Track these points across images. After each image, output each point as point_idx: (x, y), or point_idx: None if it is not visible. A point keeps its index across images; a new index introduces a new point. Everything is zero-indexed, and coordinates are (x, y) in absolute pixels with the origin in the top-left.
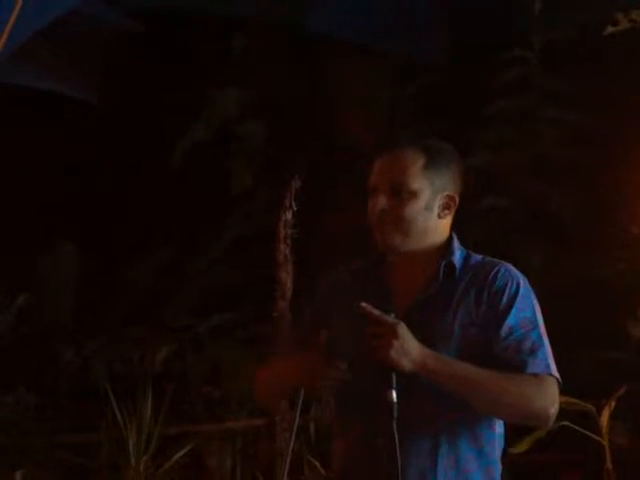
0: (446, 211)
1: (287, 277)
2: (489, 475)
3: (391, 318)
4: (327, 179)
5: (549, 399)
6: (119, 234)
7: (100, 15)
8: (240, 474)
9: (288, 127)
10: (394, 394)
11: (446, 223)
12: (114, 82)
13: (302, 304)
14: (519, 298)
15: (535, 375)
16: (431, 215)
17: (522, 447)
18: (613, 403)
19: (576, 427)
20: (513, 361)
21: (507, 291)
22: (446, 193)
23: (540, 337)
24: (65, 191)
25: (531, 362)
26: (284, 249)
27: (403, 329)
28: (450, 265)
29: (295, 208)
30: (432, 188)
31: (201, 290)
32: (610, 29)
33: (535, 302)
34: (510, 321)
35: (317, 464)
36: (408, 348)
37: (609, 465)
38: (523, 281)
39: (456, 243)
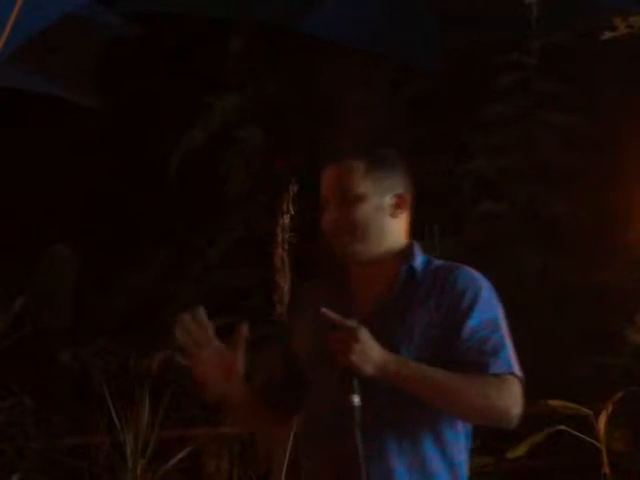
0: (398, 210)
1: (284, 281)
2: (455, 475)
3: (352, 322)
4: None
5: (511, 399)
6: (117, 237)
7: (98, 19)
8: (237, 478)
9: (286, 131)
10: (356, 399)
11: (402, 224)
12: (111, 86)
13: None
14: (480, 300)
15: (497, 375)
16: (383, 215)
17: (519, 452)
18: (610, 408)
19: (573, 432)
20: (475, 362)
21: (468, 293)
22: (395, 193)
23: (502, 338)
24: (63, 194)
25: (493, 362)
26: (281, 253)
27: (364, 333)
28: (411, 269)
29: (292, 212)
30: (378, 190)
31: (198, 294)
32: (608, 34)
33: (497, 305)
34: (472, 323)
35: None
36: (369, 352)
37: (606, 470)
38: (485, 284)
39: (417, 248)
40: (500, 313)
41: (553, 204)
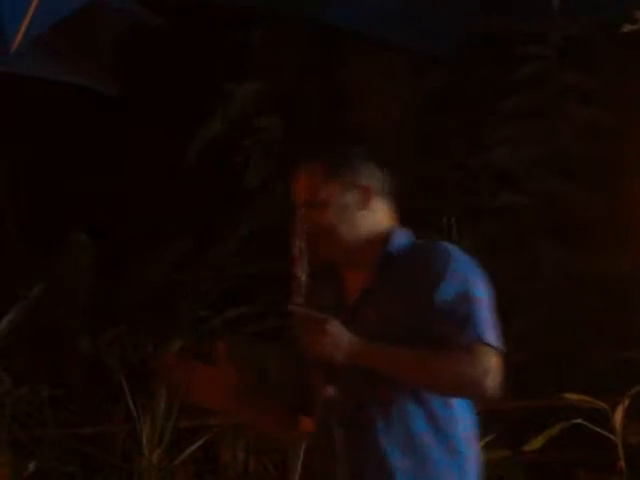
0: (365, 202)
1: (302, 272)
2: (451, 449)
3: (319, 314)
4: None
5: (480, 368)
6: (135, 226)
7: (118, 6)
8: (253, 468)
9: (305, 121)
10: (332, 390)
11: (376, 213)
12: (131, 74)
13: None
14: (449, 274)
15: (465, 346)
16: (351, 212)
17: (536, 444)
18: (627, 402)
19: (589, 425)
20: (445, 336)
21: (437, 269)
22: (358, 187)
23: (473, 309)
24: (81, 182)
25: (461, 334)
26: (299, 244)
27: (331, 324)
28: (387, 254)
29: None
30: (340, 189)
31: (216, 283)
32: (628, 27)
33: (471, 276)
34: (440, 297)
35: None
36: (337, 342)
37: (622, 463)
38: (456, 257)
39: (398, 232)
40: (474, 284)
41: (572, 196)
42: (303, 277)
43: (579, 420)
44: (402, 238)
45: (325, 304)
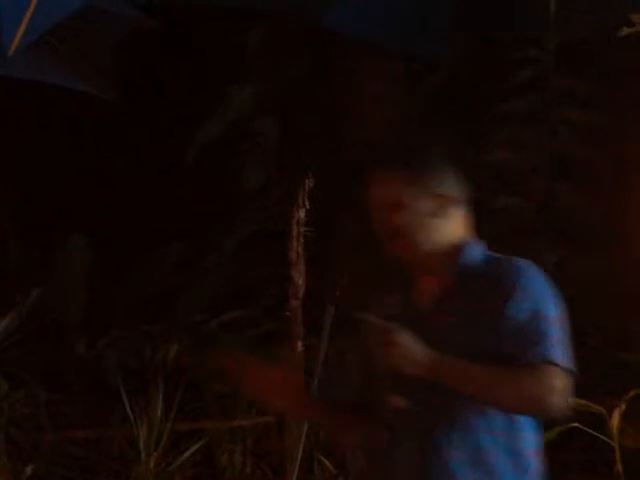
0: (443, 210)
1: (299, 276)
2: (517, 466)
3: (392, 325)
4: (340, 177)
5: (545, 388)
6: (132, 229)
7: (115, 10)
8: (250, 471)
9: (302, 124)
10: (400, 400)
11: (453, 222)
12: (129, 78)
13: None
14: (521, 291)
15: (532, 365)
16: (429, 219)
17: None
18: (624, 405)
19: (586, 429)
20: (516, 353)
21: (511, 285)
22: (437, 194)
23: (545, 327)
24: (78, 186)
25: (529, 352)
26: (296, 247)
27: (404, 335)
28: (460, 267)
29: (308, 206)
30: (419, 193)
31: (213, 287)
32: (625, 30)
33: (544, 293)
34: (511, 314)
35: (327, 463)
36: (408, 353)
37: (619, 467)
38: (530, 274)
39: (474, 244)
40: (547, 302)
41: (569, 199)
42: (300, 280)
43: (576, 424)
44: (477, 250)
45: (392, 313)
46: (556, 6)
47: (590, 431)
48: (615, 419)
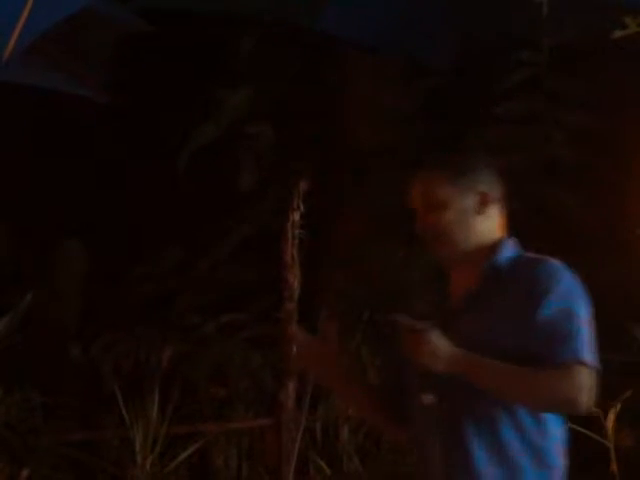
0: (483, 207)
1: (294, 278)
2: (540, 462)
3: (421, 324)
4: (335, 180)
5: (575, 387)
6: (127, 233)
7: (109, 14)
8: (246, 474)
9: (296, 128)
10: (429, 397)
11: (490, 221)
12: (122, 81)
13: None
14: (554, 291)
15: (560, 364)
16: (467, 217)
17: None
18: (619, 406)
19: (581, 429)
20: (542, 353)
21: (542, 285)
22: (477, 192)
23: (573, 327)
24: (73, 188)
25: (558, 352)
26: (291, 250)
27: (432, 334)
28: (494, 264)
29: (303, 209)
30: (459, 194)
31: (208, 290)
32: (619, 33)
33: (574, 293)
34: (543, 313)
35: (323, 464)
36: (437, 352)
37: (614, 468)
38: (562, 275)
39: (508, 242)
40: (577, 303)
41: (563, 202)
42: (295, 283)
43: (570, 424)
44: (511, 249)
45: (426, 311)
46: (549, 8)
47: (585, 431)
48: (611, 420)
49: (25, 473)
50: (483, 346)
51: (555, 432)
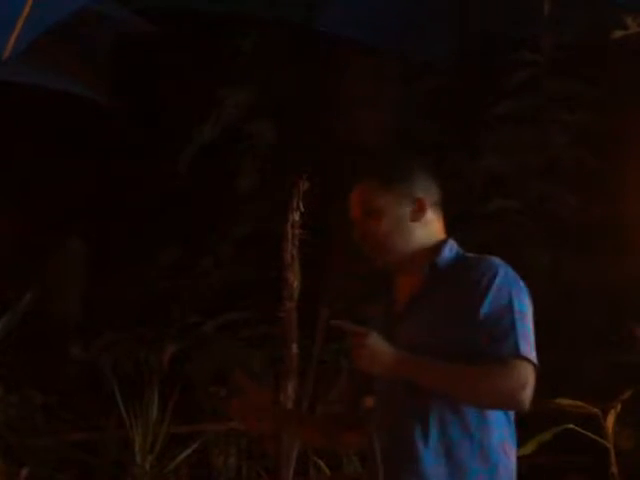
0: (419, 214)
1: (294, 278)
2: (486, 462)
3: (360, 329)
4: (335, 180)
5: (514, 382)
6: (127, 232)
7: (110, 14)
8: (245, 473)
9: (296, 127)
10: (371, 400)
11: (429, 225)
12: (123, 81)
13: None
14: (494, 288)
15: (501, 360)
16: (405, 223)
17: (527, 449)
18: (619, 406)
19: (581, 430)
20: (484, 349)
21: (482, 282)
22: (413, 199)
23: (513, 322)
24: (74, 188)
25: (498, 347)
26: (291, 250)
27: (371, 338)
28: (433, 267)
29: (302, 209)
30: (397, 200)
31: (208, 289)
32: (619, 33)
33: (516, 291)
34: (483, 311)
35: (322, 464)
36: (377, 355)
37: (614, 469)
38: (503, 271)
39: (448, 244)
40: (517, 299)
41: (564, 202)
42: (295, 283)
43: (571, 425)
44: (451, 250)
45: (375, 314)
46: (550, 8)
47: (586, 432)
48: (610, 421)
49: (25, 472)
50: (425, 347)
51: (501, 430)
